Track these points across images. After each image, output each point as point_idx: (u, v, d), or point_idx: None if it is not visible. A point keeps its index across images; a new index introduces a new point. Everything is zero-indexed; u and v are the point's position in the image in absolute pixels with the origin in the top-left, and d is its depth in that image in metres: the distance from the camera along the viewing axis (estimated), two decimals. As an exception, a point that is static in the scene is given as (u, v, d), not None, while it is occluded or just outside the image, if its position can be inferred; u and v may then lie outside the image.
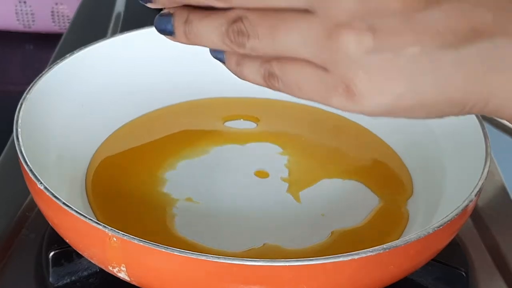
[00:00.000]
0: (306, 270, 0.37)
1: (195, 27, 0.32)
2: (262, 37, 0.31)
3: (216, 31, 0.32)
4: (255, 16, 0.31)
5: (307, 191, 0.50)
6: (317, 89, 0.31)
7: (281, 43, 0.30)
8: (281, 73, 0.31)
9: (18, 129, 0.45)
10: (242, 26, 0.31)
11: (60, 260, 0.45)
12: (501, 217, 0.53)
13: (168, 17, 0.34)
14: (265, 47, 0.31)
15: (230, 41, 0.31)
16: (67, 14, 0.93)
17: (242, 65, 0.33)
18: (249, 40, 0.31)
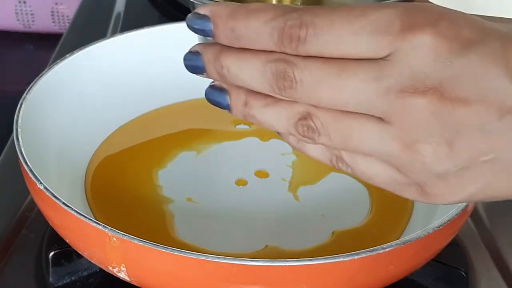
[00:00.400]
0: (306, 270, 0.37)
1: (257, 114, 0.31)
2: (333, 137, 0.30)
3: (282, 122, 0.31)
4: (326, 116, 0.30)
5: (307, 191, 0.50)
6: (389, 183, 0.31)
7: (353, 145, 0.30)
8: (352, 163, 0.31)
9: (18, 129, 0.45)
10: (312, 124, 0.30)
11: (60, 260, 0.45)
12: (501, 217, 0.53)
13: (223, 93, 0.33)
14: (336, 144, 0.30)
15: (298, 134, 0.31)
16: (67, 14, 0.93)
17: (304, 144, 0.33)
18: (320, 137, 0.30)
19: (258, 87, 0.30)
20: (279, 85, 0.30)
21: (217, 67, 0.31)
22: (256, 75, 0.30)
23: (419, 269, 0.43)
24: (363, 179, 0.32)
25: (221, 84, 0.33)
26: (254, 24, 0.29)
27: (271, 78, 0.30)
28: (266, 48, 0.30)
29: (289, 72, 0.29)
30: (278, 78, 0.30)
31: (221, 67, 0.31)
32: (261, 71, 0.30)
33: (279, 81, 0.30)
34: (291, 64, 0.29)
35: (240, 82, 0.31)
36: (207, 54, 0.32)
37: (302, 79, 0.29)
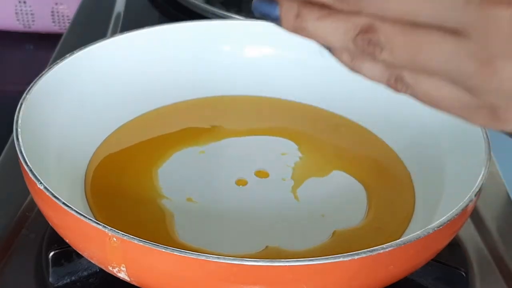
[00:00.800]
0: (306, 270, 0.37)
1: (311, 25, 0.29)
2: (398, 52, 0.28)
3: (339, 35, 0.29)
4: (392, 29, 0.27)
5: (307, 191, 0.50)
6: (456, 106, 0.29)
7: (421, 62, 0.28)
8: (414, 83, 0.29)
9: (18, 129, 0.45)
10: (375, 38, 0.28)
11: (60, 260, 0.45)
12: (501, 217, 0.53)
13: (273, 3, 0.31)
14: (400, 61, 0.28)
15: (357, 49, 0.29)
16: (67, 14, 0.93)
17: (361, 61, 0.30)
18: (382, 52, 0.28)
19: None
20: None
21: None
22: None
23: (419, 269, 0.43)
24: (425, 102, 0.29)
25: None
26: None
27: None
28: None
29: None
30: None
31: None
32: None
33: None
34: None
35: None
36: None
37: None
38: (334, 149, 0.55)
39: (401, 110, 0.54)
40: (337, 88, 0.59)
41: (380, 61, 0.29)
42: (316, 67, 0.59)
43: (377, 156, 0.55)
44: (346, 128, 0.57)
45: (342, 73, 0.56)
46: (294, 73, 0.60)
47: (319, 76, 0.59)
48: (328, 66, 0.57)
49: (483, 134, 0.47)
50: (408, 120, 0.54)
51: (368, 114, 0.57)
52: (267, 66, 0.60)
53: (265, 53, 0.61)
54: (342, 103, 0.59)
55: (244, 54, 0.61)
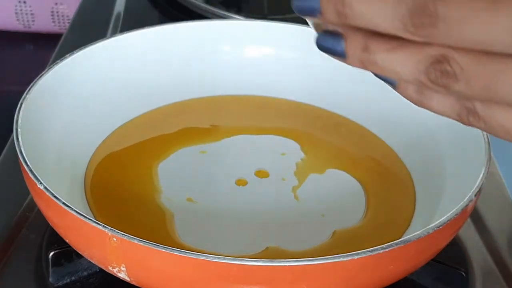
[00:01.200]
0: (306, 270, 0.37)
1: (379, 59, 0.28)
2: (474, 82, 0.27)
3: (410, 67, 0.28)
4: (467, 59, 0.26)
5: (307, 191, 0.50)
6: None
7: (498, 93, 0.27)
8: (488, 115, 0.28)
9: (18, 129, 0.45)
10: (449, 68, 0.27)
11: (60, 260, 0.45)
12: (501, 217, 0.53)
13: (337, 38, 0.29)
14: (475, 92, 0.27)
15: (429, 81, 0.27)
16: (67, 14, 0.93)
17: (427, 96, 0.29)
18: (457, 83, 0.27)
19: (386, 26, 0.27)
20: (416, 22, 0.26)
21: (338, 5, 0.28)
22: (387, 12, 0.27)
23: (419, 269, 0.43)
24: (500, 135, 0.28)
25: (335, 29, 0.30)
26: None
27: (406, 15, 0.27)
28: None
29: (431, 7, 0.26)
30: (416, 14, 0.26)
31: (343, 5, 0.28)
32: (395, 6, 0.27)
33: (416, 18, 0.26)
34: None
35: (364, 21, 0.28)
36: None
37: (446, 15, 0.26)
38: (334, 149, 0.55)
39: (401, 110, 0.54)
40: (337, 88, 0.59)
41: (452, 93, 0.28)
42: (316, 67, 0.59)
43: (377, 156, 0.55)
44: (346, 128, 0.57)
45: (342, 73, 0.57)
46: (294, 73, 0.60)
47: (319, 76, 0.59)
48: (328, 66, 0.58)
49: (483, 134, 0.47)
50: (408, 120, 0.54)
51: (368, 114, 0.57)
52: (267, 66, 0.60)
53: (265, 53, 0.61)
54: (342, 103, 0.59)
55: (244, 54, 0.61)
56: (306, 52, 0.59)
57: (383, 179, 0.52)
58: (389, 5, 0.27)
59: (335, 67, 0.58)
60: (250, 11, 0.81)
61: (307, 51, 0.59)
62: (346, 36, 0.29)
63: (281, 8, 0.83)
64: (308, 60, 0.59)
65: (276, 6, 0.83)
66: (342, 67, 0.32)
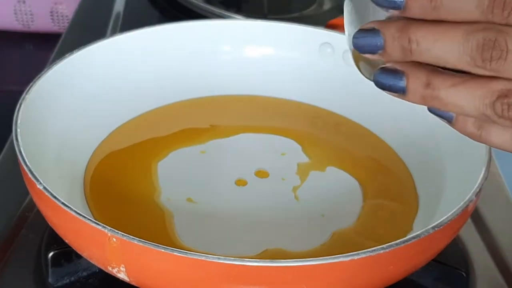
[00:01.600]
0: (306, 270, 0.37)
1: (443, 94, 0.28)
2: None
3: (475, 101, 0.28)
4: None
5: (307, 191, 0.50)
6: None
7: None
8: None
9: (17, 129, 0.45)
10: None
11: (60, 260, 0.45)
12: (501, 217, 0.53)
13: (399, 75, 0.29)
14: None
15: (494, 115, 0.28)
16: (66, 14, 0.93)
17: (486, 129, 0.30)
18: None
19: (454, 61, 0.28)
20: (485, 56, 0.27)
21: (403, 41, 0.29)
22: (454, 47, 0.27)
23: (419, 269, 0.43)
24: None
25: (394, 66, 0.30)
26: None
27: (474, 49, 0.27)
28: (469, 18, 0.27)
29: (500, 41, 0.27)
30: (485, 48, 0.27)
31: (409, 41, 0.28)
32: (463, 41, 0.27)
33: (485, 52, 0.27)
34: (503, 32, 0.27)
35: (430, 56, 0.28)
36: (390, 30, 0.29)
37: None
38: (334, 148, 0.55)
39: (402, 110, 0.54)
40: (337, 87, 0.59)
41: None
42: (316, 67, 0.59)
43: (377, 156, 0.55)
44: (346, 128, 0.57)
45: (342, 73, 0.57)
46: (294, 73, 0.60)
47: (319, 76, 0.59)
48: (328, 66, 0.58)
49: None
50: (409, 120, 0.54)
51: (368, 114, 0.57)
52: (267, 66, 0.60)
53: (265, 53, 0.61)
54: (342, 102, 0.59)
55: (244, 54, 0.61)
56: (306, 52, 0.59)
57: (383, 179, 0.52)
58: (457, 40, 0.27)
59: (335, 67, 0.58)
60: (250, 11, 0.81)
61: (307, 51, 0.59)
62: (407, 73, 0.29)
63: (281, 8, 0.83)
64: (308, 60, 0.59)
65: (276, 6, 0.83)
66: (342, 67, 0.32)
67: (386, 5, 0.29)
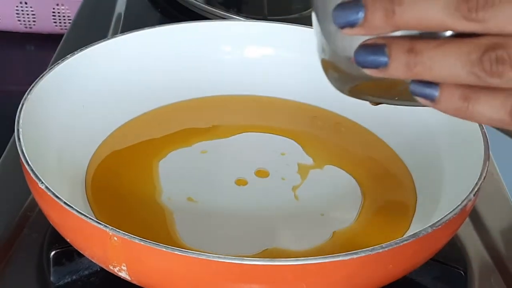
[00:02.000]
0: (306, 269, 0.37)
1: (427, 57, 0.27)
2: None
3: (461, 59, 0.27)
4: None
5: (306, 191, 0.51)
6: None
7: None
8: None
9: (19, 129, 0.45)
10: (504, 54, 0.26)
11: (61, 259, 0.45)
12: (500, 216, 0.53)
13: (380, 48, 0.28)
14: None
15: (482, 71, 0.27)
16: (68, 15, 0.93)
17: (474, 99, 0.28)
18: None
19: (440, 16, 0.27)
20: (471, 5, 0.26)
21: (385, 3, 0.27)
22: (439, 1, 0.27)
23: (418, 268, 0.43)
24: None
25: (375, 40, 0.29)
26: None
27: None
28: None
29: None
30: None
31: (391, 2, 0.27)
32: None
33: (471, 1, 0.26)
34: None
35: (414, 16, 0.27)
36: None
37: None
38: (334, 148, 0.56)
39: (401, 110, 0.54)
40: (337, 88, 0.59)
41: (503, 82, 0.27)
42: (316, 67, 0.59)
43: (376, 156, 0.55)
44: (346, 128, 0.57)
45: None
46: (294, 73, 0.60)
47: (319, 76, 0.59)
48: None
49: (482, 134, 0.47)
50: (408, 120, 0.54)
51: (368, 114, 0.57)
52: (267, 66, 0.60)
53: (265, 53, 0.61)
54: (342, 103, 0.58)
55: (244, 54, 0.61)
56: (306, 52, 0.59)
57: (382, 178, 0.52)
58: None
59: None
60: (250, 12, 0.81)
61: (307, 51, 0.59)
62: (389, 43, 0.28)
63: (281, 9, 0.83)
64: (308, 60, 0.59)
65: (276, 6, 0.83)
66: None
67: None
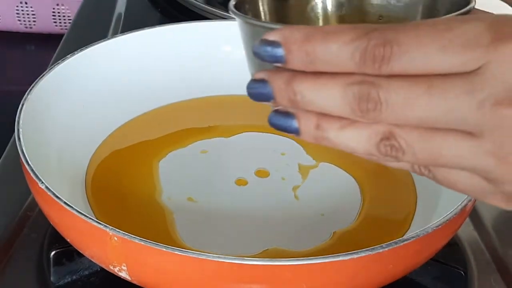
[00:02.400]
0: (306, 269, 0.37)
1: (333, 136, 0.30)
2: (420, 155, 0.29)
3: (362, 144, 0.30)
4: (411, 135, 0.29)
5: (307, 190, 0.51)
6: (473, 190, 0.30)
7: (441, 161, 0.29)
8: (435, 171, 0.31)
9: (20, 129, 0.45)
10: (396, 144, 0.29)
11: (61, 259, 0.45)
12: (500, 216, 0.53)
13: (290, 116, 0.31)
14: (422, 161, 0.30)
15: (380, 154, 0.30)
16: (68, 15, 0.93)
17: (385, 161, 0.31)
18: (404, 156, 0.29)
19: (336, 111, 0.29)
20: (362, 107, 0.28)
21: (289, 93, 0.30)
22: (335, 99, 0.29)
23: (418, 268, 0.43)
24: (443, 185, 0.31)
25: (286, 109, 0.31)
26: (333, 46, 0.28)
27: (352, 101, 0.28)
28: (345, 70, 0.28)
29: (373, 94, 0.28)
30: (361, 100, 0.28)
31: (294, 94, 0.30)
32: (341, 94, 0.29)
33: (361, 104, 0.28)
34: (375, 85, 0.28)
35: (315, 107, 0.29)
36: (277, 81, 0.30)
37: (387, 100, 0.28)
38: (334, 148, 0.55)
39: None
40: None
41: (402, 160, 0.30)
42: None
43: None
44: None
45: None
46: (294, 73, 0.60)
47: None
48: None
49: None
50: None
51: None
52: (267, 66, 0.60)
53: (265, 53, 0.61)
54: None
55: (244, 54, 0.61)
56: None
57: (382, 178, 0.52)
58: (336, 92, 0.29)
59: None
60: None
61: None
62: (298, 116, 0.30)
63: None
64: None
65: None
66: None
67: (268, 60, 0.30)
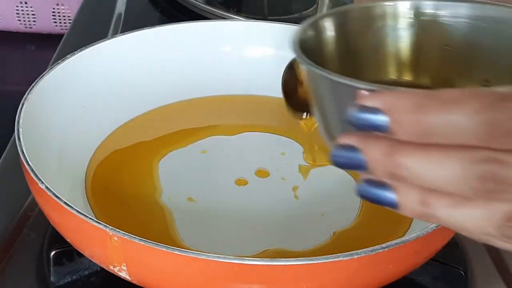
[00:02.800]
0: (306, 269, 0.37)
1: (443, 214, 0.26)
2: None
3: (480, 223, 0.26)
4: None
5: (307, 190, 0.51)
6: None
7: None
8: None
9: (20, 129, 0.45)
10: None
11: (61, 259, 0.45)
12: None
13: (386, 189, 0.27)
14: None
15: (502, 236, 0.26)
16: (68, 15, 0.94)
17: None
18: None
19: (450, 189, 0.25)
20: (488, 188, 0.25)
21: (389, 166, 0.26)
22: (451, 177, 0.25)
23: (418, 269, 0.43)
24: None
25: (381, 179, 0.27)
26: (453, 118, 0.24)
27: (474, 181, 0.25)
28: (463, 143, 0.25)
29: (502, 174, 0.25)
30: (486, 180, 0.25)
31: (397, 167, 0.26)
32: (462, 173, 0.25)
33: (487, 184, 0.25)
34: (503, 163, 0.24)
35: (423, 183, 0.26)
36: (373, 152, 0.26)
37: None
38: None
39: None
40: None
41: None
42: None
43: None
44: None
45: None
46: (294, 73, 0.60)
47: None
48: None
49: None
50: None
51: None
52: (267, 66, 0.60)
53: (265, 53, 0.61)
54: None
55: (244, 54, 0.61)
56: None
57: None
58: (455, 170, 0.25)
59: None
60: (250, 12, 0.81)
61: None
62: (397, 189, 0.27)
63: (281, 9, 0.83)
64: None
65: (276, 7, 0.83)
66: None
67: (367, 129, 0.26)
